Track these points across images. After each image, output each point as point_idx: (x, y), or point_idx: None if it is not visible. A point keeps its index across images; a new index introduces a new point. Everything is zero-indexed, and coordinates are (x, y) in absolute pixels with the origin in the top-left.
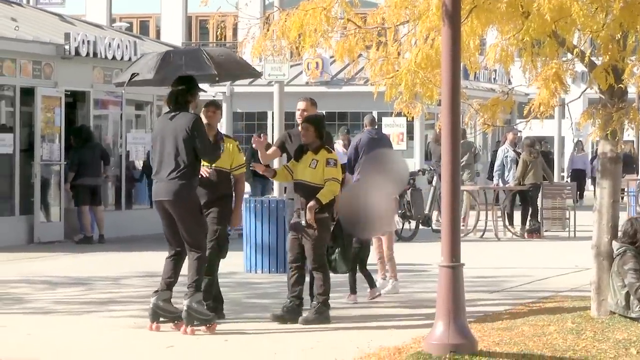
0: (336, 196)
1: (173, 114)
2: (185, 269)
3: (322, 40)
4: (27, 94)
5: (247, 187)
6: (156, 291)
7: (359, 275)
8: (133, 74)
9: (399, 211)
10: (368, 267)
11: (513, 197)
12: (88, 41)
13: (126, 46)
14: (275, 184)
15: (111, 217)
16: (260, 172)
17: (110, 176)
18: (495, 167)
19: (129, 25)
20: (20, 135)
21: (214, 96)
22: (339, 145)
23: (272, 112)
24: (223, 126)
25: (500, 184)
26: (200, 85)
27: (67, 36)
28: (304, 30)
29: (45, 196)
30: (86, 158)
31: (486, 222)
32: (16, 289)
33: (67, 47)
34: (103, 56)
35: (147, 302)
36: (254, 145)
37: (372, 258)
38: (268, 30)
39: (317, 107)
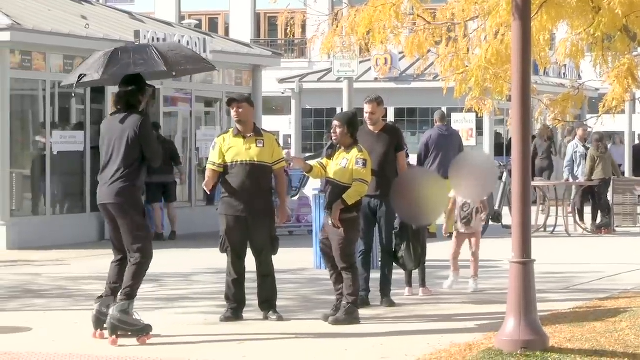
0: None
1: (122, 115)
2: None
3: (392, 36)
4: (98, 91)
5: (317, 183)
6: (100, 297)
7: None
8: (81, 75)
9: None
10: (437, 264)
11: (583, 192)
12: (157, 39)
13: (195, 43)
14: None
15: (182, 214)
16: (299, 167)
17: (183, 174)
18: (565, 163)
19: (198, 22)
20: (91, 133)
21: (282, 93)
22: None
23: (342, 109)
24: (292, 122)
25: (570, 180)
26: (175, 80)
27: (136, 34)
28: (374, 27)
29: None
30: None
31: (556, 218)
32: (88, 285)
33: (137, 44)
34: None
35: (218, 298)
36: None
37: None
38: (337, 26)
39: (386, 104)
